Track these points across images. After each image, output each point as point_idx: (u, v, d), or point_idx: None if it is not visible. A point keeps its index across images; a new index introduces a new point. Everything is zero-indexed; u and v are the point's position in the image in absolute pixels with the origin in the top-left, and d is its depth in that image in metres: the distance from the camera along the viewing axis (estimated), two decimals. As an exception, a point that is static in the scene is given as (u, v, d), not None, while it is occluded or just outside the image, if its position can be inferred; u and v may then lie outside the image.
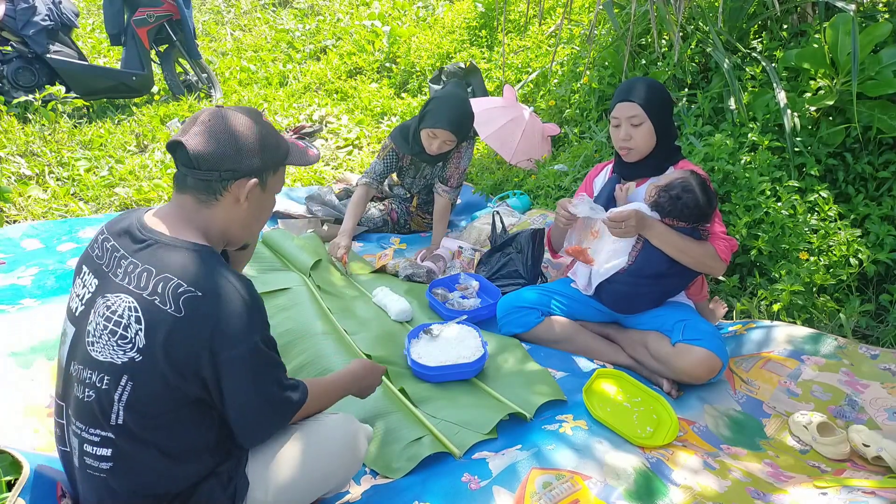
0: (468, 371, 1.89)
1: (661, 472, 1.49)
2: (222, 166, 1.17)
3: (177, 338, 1.06)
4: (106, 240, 1.19)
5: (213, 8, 8.45)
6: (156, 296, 1.07)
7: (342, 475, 1.35)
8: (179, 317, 1.06)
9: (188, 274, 1.09)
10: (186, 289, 1.07)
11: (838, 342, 1.97)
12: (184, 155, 1.16)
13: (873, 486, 1.45)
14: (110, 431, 1.08)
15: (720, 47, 2.80)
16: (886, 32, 2.36)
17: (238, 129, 1.19)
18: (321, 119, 5.19)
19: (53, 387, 1.68)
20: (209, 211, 1.20)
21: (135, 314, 1.07)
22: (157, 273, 1.09)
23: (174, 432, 1.12)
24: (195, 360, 1.07)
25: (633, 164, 2.04)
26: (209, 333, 1.07)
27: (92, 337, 1.10)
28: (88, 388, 1.09)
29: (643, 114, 1.94)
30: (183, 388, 1.08)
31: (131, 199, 3.63)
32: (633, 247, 1.94)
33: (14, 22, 4.66)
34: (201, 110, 1.23)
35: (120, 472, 1.10)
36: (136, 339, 1.06)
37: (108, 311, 1.10)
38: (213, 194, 1.18)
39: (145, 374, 1.06)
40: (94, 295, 1.14)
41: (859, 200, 2.45)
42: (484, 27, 5.74)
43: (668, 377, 1.91)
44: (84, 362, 1.11)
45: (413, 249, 3.03)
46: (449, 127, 2.67)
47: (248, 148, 1.19)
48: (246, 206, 1.22)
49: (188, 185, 1.19)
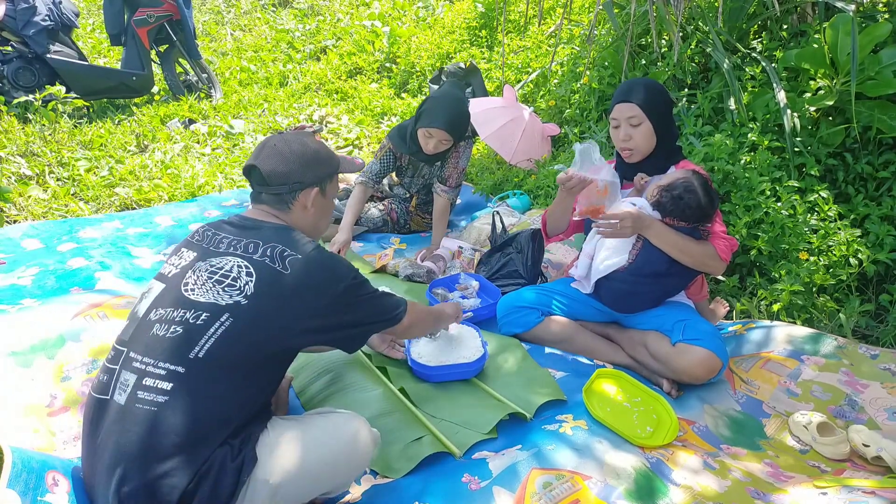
0: (468, 371, 1.89)
1: (662, 472, 1.49)
2: (290, 180, 1.43)
3: (287, 289, 1.28)
4: (206, 230, 1.41)
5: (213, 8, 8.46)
6: (265, 258, 1.30)
7: (346, 473, 1.37)
8: (287, 273, 1.29)
9: (290, 243, 1.35)
10: (290, 252, 1.32)
11: (838, 342, 1.97)
12: (258, 175, 1.43)
13: (873, 486, 1.45)
14: (183, 365, 1.19)
15: (720, 47, 2.80)
16: (886, 32, 2.36)
17: (299, 149, 1.46)
18: (321, 119, 5.19)
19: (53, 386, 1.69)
20: (285, 217, 1.45)
21: (246, 269, 1.28)
22: (265, 243, 1.33)
23: (237, 381, 1.24)
24: (306, 304, 1.29)
25: (635, 164, 2.04)
26: (317, 280, 1.32)
27: (192, 285, 1.28)
28: (178, 325, 1.23)
29: (642, 114, 1.94)
30: (273, 339, 1.27)
31: (131, 199, 3.63)
32: (633, 245, 1.94)
33: (14, 22, 4.66)
34: (266, 138, 1.49)
35: (171, 406, 1.17)
36: (245, 287, 1.26)
37: (212, 268, 1.29)
38: (286, 204, 1.45)
39: (247, 316, 1.24)
40: (192, 261, 1.33)
41: (859, 200, 2.45)
42: (484, 27, 5.74)
43: (668, 377, 1.91)
44: (176, 304, 1.26)
45: (413, 249, 3.03)
46: (444, 126, 2.68)
47: (308, 163, 1.46)
48: (313, 211, 1.49)
49: (263, 200, 1.45)
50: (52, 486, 1.17)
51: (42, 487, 1.15)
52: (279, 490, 1.23)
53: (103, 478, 1.17)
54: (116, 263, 2.66)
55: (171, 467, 1.14)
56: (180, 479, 1.14)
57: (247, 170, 1.46)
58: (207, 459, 1.18)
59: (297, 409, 1.83)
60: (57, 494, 1.15)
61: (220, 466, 1.18)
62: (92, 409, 1.25)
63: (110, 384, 1.23)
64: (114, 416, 1.19)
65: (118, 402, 1.19)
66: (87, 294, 2.14)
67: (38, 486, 1.14)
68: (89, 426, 1.24)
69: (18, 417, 1.58)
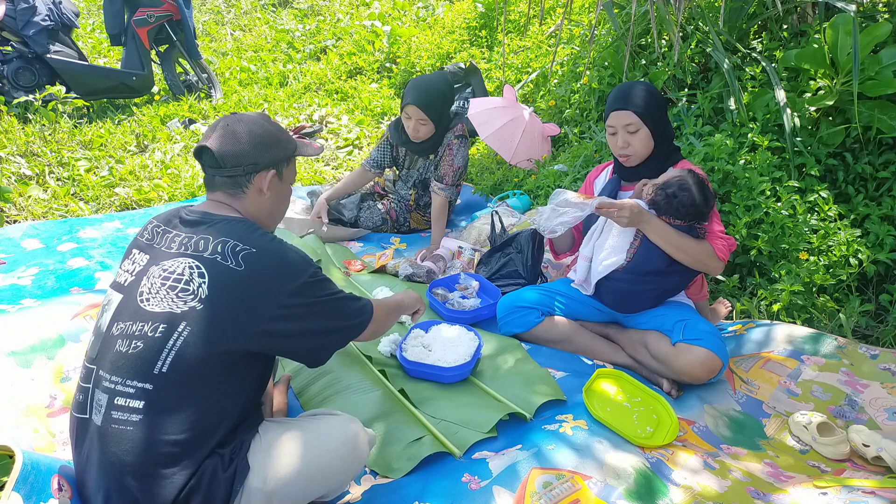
0: (443, 375, 1.87)
1: (662, 472, 1.49)
2: (244, 161, 1.35)
3: (241, 287, 1.21)
4: (155, 227, 1.33)
5: (213, 8, 8.45)
6: (217, 255, 1.23)
7: (341, 476, 1.35)
8: (240, 270, 1.22)
9: (242, 236, 1.26)
10: (243, 247, 1.24)
11: (838, 342, 1.97)
12: (210, 157, 1.33)
13: (873, 486, 1.45)
14: (149, 382, 1.15)
15: (720, 47, 2.80)
16: (886, 32, 2.36)
17: (253, 129, 1.37)
18: (321, 119, 5.19)
19: (53, 387, 1.69)
20: (239, 203, 1.37)
21: (197, 270, 1.21)
22: (215, 238, 1.25)
23: (209, 390, 1.19)
24: (263, 302, 1.21)
25: (633, 168, 2.04)
26: (273, 275, 1.24)
27: (147, 294, 1.22)
28: (137, 339, 1.18)
29: (639, 121, 1.94)
30: (234, 342, 1.19)
31: (131, 199, 3.64)
32: (630, 244, 1.94)
33: (14, 22, 4.66)
34: (217, 119, 1.41)
35: (147, 424, 1.14)
36: (199, 290, 1.19)
37: (164, 273, 1.22)
38: (240, 188, 1.36)
39: (204, 322, 1.18)
40: (145, 266, 1.26)
41: (859, 200, 2.45)
42: (484, 27, 5.74)
43: (668, 377, 1.91)
44: (134, 317, 1.20)
45: (413, 249, 3.03)
46: (415, 101, 2.73)
47: (263, 144, 1.37)
48: (269, 195, 1.40)
49: (217, 184, 1.37)
50: (56, 492, 1.18)
51: (46, 492, 1.15)
52: (274, 496, 1.21)
53: (92, 494, 1.17)
54: (116, 264, 2.66)
55: (158, 483, 1.13)
56: (169, 491, 1.13)
57: (197, 152, 1.35)
58: (195, 472, 1.16)
59: (297, 409, 1.83)
60: (59, 500, 1.16)
61: (212, 477, 1.17)
62: (75, 427, 1.23)
63: (86, 404, 1.20)
64: (93, 436, 1.17)
65: (95, 423, 1.17)
66: (87, 294, 2.14)
67: (42, 490, 1.14)
68: (74, 443, 1.23)
69: (18, 418, 1.58)
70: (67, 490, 1.21)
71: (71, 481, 1.23)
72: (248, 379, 1.27)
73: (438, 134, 2.89)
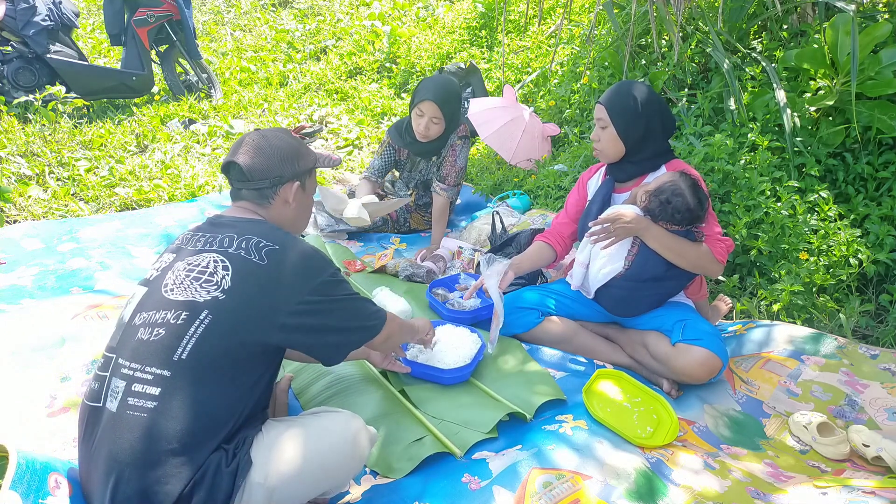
0: (442, 376, 1.87)
1: (662, 472, 1.49)
2: (271, 174, 1.43)
3: (263, 280, 1.26)
4: (185, 234, 1.41)
5: (213, 8, 8.46)
6: (241, 250, 1.29)
7: (342, 473, 1.36)
8: (263, 264, 1.27)
9: (266, 234, 1.33)
10: (266, 243, 1.31)
11: (838, 342, 1.97)
12: (237, 171, 1.42)
13: (873, 486, 1.45)
14: (168, 368, 1.18)
15: (720, 47, 2.80)
16: (886, 32, 2.36)
17: (277, 144, 1.45)
18: (321, 119, 5.19)
19: (53, 387, 1.69)
20: (265, 212, 1.45)
21: (222, 263, 1.27)
22: (240, 236, 1.32)
23: (223, 383, 1.22)
24: (283, 296, 1.26)
25: (623, 166, 2.04)
26: (295, 271, 1.29)
27: (171, 285, 1.27)
28: (159, 326, 1.22)
29: (607, 118, 1.96)
30: (253, 333, 1.24)
31: (131, 199, 3.64)
32: (628, 251, 1.94)
33: (14, 22, 4.66)
34: (243, 136, 1.48)
35: (162, 412, 1.16)
36: (222, 282, 1.25)
37: (189, 266, 1.28)
38: (267, 199, 1.44)
39: (225, 311, 1.22)
40: (171, 263, 1.32)
41: (859, 200, 2.45)
42: (484, 27, 5.74)
43: (668, 377, 1.91)
44: (158, 306, 1.25)
45: (413, 249, 3.03)
46: (432, 97, 2.71)
47: (288, 157, 1.46)
48: (294, 205, 1.48)
49: (243, 196, 1.45)
50: (54, 489, 1.17)
51: (44, 490, 1.15)
52: (275, 492, 1.22)
53: (99, 485, 1.17)
54: (116, 264, 2.66)
55: (165, 474, 1.14)
56: (174, 485, 1.14)
57: (225, 167, 1.44)
58: (202, 465, 1.17)
59: (297, 410, 1.83)
60: (58, 497, 1.15)
61: (216, 471, 1.18)
62: (86, 416, 1.24)
63: (101, 392, 1.22)
64: (106, 423, 1.19)
65: (110, 410, 1.19)
66: (87, 294, 2.14)
67: (40, 488, 1.14)
68: (84, 433, 1.24)
69: (18, 418, 1.58)
70: (66, 486, 1.21)
71: (71, 480, 1.23)
72: (258, 376, 1.31)
73: (445, 135, 2.88)
